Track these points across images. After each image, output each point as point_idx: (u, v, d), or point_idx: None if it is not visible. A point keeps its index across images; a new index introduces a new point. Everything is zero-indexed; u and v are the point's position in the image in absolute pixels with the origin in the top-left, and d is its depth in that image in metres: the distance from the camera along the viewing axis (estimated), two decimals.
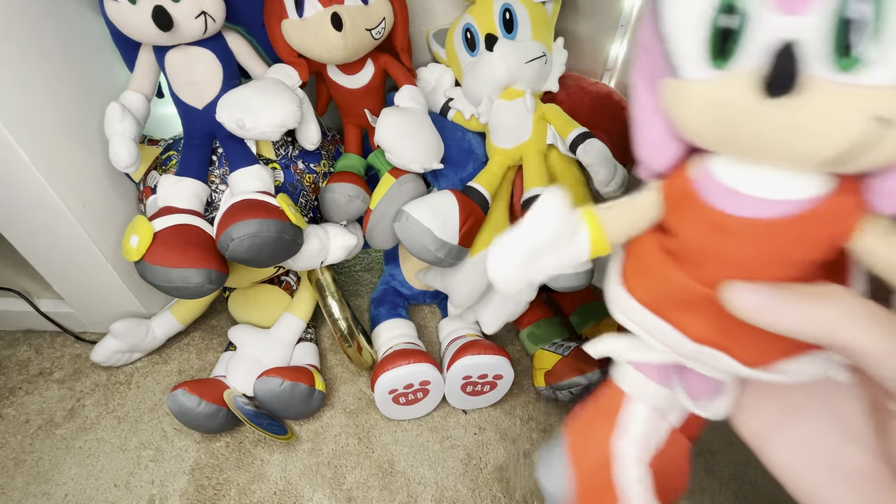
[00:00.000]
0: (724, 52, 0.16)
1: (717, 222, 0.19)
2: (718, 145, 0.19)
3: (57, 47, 0.48)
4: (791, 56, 0.15)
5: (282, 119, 0.49)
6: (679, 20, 0.17)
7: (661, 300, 0.21)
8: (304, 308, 0.64)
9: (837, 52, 0.14)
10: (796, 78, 0.15)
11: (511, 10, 0.56)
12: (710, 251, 0.20)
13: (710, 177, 0.19)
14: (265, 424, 0.54)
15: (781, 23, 0.15)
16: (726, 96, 0.17)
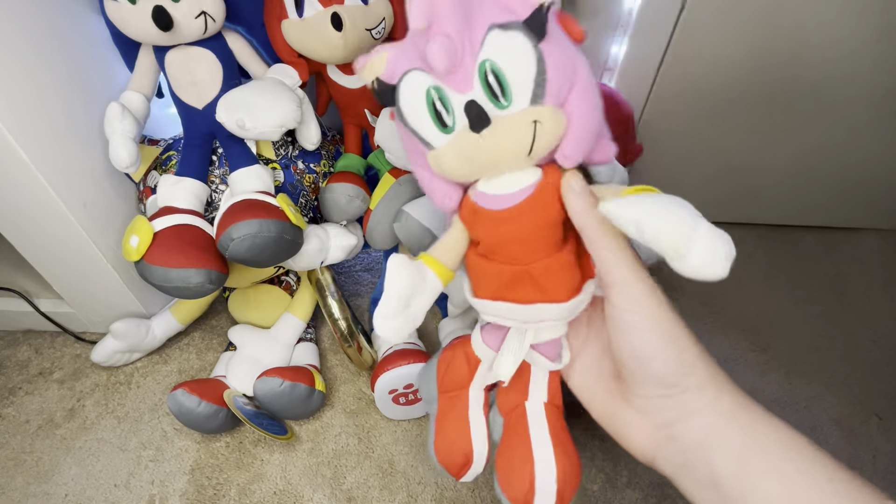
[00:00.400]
0: (444, 124, 0.27)
1: (495, 218, 0.28)
2: (474, 175, 0.29)
3: (57, 47, 0.48)
4: (476, 106, 0.26)
5: (282, 119, 0.49)
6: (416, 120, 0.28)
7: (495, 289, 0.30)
8: (304, 308, 0.64)
9: (493, 102, 0.26)
10: (485, 117, 0.26)
11: None
12: (500, 238, 0.29)
13: (481, 193, 0.29)
14: (265, 424, 0.54)
15: (461, 97, 0.26)
16: (460, 145, 0.27)
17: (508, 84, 0.25)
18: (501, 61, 0.25)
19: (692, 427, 0.25)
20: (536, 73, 0.25)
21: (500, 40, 0.25)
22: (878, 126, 0.71)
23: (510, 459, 0.32)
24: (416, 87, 0.27)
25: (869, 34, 0.61)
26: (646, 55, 0.64)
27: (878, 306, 0.75)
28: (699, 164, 0.77)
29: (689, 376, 0.25)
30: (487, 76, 0.25)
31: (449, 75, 0.26)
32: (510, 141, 0.26)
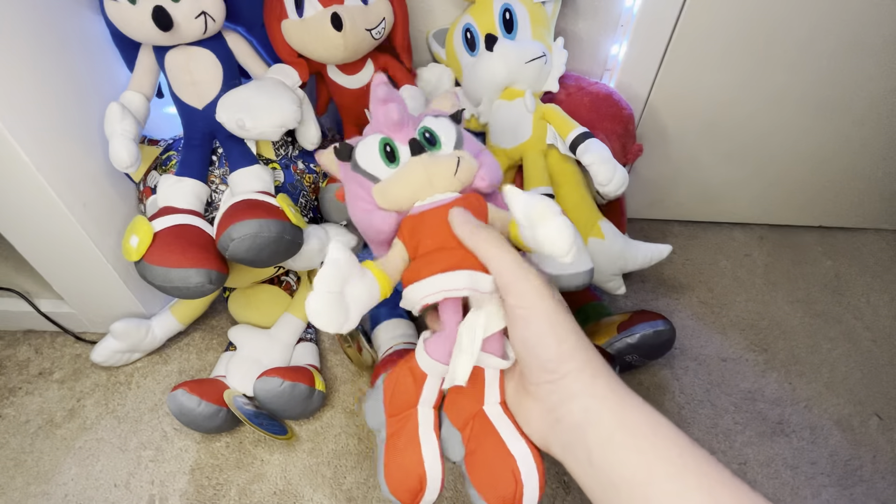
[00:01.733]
0: (391, 160, 0.36)
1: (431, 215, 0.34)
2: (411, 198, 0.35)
3: (57, 47, 0.48)
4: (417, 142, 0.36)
5: (282, 119, 0.49)
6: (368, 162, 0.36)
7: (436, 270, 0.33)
8: (304, 308, 0.64)
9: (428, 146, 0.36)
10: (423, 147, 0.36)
11: (511, 11, 0.56)
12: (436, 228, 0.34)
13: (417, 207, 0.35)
14: (265, 424, 0.54)
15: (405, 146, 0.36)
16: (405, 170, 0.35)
17: (438, 137, 0.37)
18: (434, 127, 0.37)
19: (572, 409, 0.28)
20: (456, 136, 0.37)
21: (432, 120, 0.38)
22: (878, 126, 0.71)
23: (488, 464, 0.32)
24: (370, 141, 0.37)
25: (871, 37, 0.61)
26: (646, 55, 0.64)
27: (878, 306, 0.75)
28: (699, 164, 0.77)
29: (568, 362, 0.28)
30: (425, 133, 0.37)
31: (397, 133, 0.36)
32: (443, 163, 0.35)
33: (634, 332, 0.57)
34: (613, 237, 0.59)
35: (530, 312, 0.29)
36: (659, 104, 0.69)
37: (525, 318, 0.29)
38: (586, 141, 0.55)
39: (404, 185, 0.35)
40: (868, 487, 0.55)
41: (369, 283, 0.33)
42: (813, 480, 0.55)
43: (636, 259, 0.61)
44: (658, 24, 0.61)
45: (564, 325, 0.29)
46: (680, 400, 0.62)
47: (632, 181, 0.73)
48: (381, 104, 0.36)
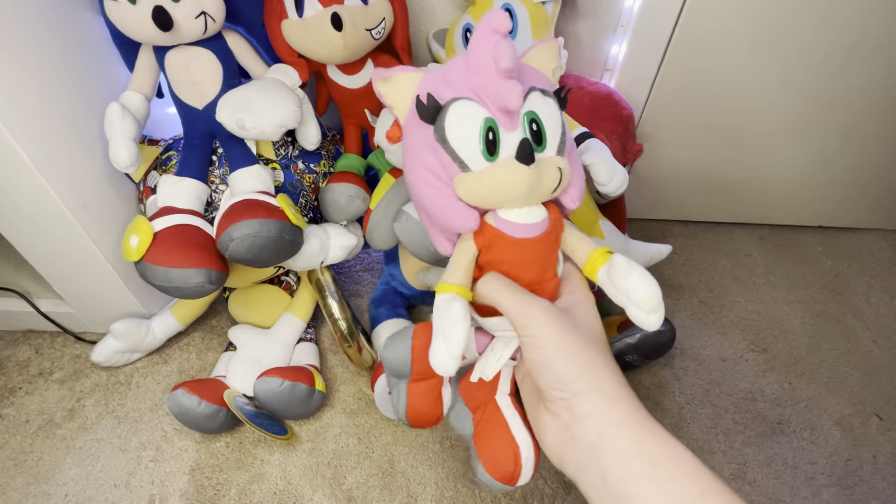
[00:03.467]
0: (491, 152, 0.30)
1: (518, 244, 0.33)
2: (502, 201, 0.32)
3: (57, 47, 0.48)
4: (529, 144, 0.30)
5: (282, 119, 0.49)
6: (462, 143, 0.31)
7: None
8: (304, 308, 0.64)
9: (535, 144, 0.31)
10: (533, 155, 0.30)
11: (511, 10, 0.56)
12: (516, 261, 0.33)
13: (505, 221, 0.33)
14: (265, 424, 0.54)
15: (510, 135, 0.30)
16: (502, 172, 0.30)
17: (545, 133, 0.31)
18: (542, 115, 0.31)
19: (586, 430, 0.28)
20: (562, 132, 0.32)
21: (540, 100, 0.31)
22: (878, 126, 0.71)
23: (495, 445, 0.37)
24: (470, 115, 0.30)
25: (871, 37, 0.61)
26: (646, 55, 0.64)
27: (878, 306, 0.75)
28: (699, 164, 0.77)
29: (576, 382, 0.29)
30: (532, 123, 0.31)
31: (505, 114, 0.30)
32: (546, 178, 0.31)
33: (634, 332, 0.57)
34: (613, 237, 0.59)
35: (535, 340, 0.30)
36: (659, 104, 0.69)
37: (531, 344, 0.31)
38: (586, 141, 0.55)
39: (501, 192, 0.31)
40: (868, 487, 0.55)
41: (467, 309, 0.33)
42: (813, 480, 0.55)
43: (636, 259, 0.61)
44: (658, 24, 0.61)
45: (572, 349, 0.30)
46: (680, 400, 0.62)
47: (632, 181, 0.73)
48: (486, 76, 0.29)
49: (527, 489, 0.53)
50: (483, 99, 0.30)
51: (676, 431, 0.59)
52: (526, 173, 0.30)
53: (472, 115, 0.30)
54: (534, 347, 0.30)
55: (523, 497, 0.53)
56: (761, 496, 0.54)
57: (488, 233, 0.33)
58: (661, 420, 0.59)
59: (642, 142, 0.71)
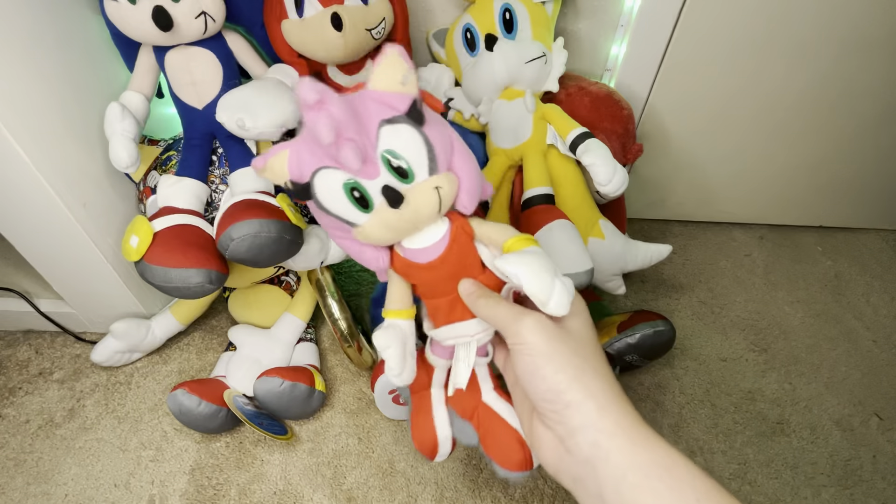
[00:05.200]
0: (364, 206, 0.32)
1: (425, 268, 0.35)
2: (397, 239, 0.35)
3: (57, 47, 0.48)
4: (391, 189, 0.31)
5: (282, 119, 0.48)
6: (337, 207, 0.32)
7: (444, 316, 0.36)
8: (304, 308, 0.64)
9: (401, 179, 0.31)
10: (400, 196, 0.31)
11: (511, 10, 0.56)
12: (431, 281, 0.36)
13: (408, 250, 0.35)
14: (265, 424, 0.54)
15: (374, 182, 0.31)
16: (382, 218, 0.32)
17: (409, 165, 0.31)
18: (397, 147, 0.31)
19: (580, 442, 0.28)
20: (427, 151, 0.31)
21: (392, 132, 0.31)
22: (878, 126, 0.71)
23: (499, 441, 0.38)
24: (332, 182, 0.31)
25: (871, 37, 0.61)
26: (646, 55, 0.64)
27: (878, 306, 0.75)
28: (699, 164, 0.77)
29: (567, 393, 0.28)
30: (390, 162, 0.31)
31: (355, 166, 0.30)
32: (423, 207, 0.32)
33: (634, 332, 0.57)
34: (613, 237, 0.59)
35: (524, 347, 0.30)
36: (659, 104, 0.69)
37: (520, 352, 0.30)
38: (586, 141, 0.55)
39: (388, 231, 0.33)
40: (868, 487, 0.55)
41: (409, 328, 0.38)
42: (813, 480, 0.55)
43: (636, 259, 0.61)
44: (658, 24, 0.61)
45: (561, 358, 0.29)
46: (680, 400, 0.62)
47: (632, 181, 0.73)
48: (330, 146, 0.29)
49: (527, 489, 0.53)
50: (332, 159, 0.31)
51: (676, 431, 0.59)
52: (396, 215, 0.31)
53: (333, 181, 0.31)
54: (523, 355, 0.30)
55: (523, 497, 0.53)
56: (761, 496, 0.54)
57: (399, 262, 0.36)
58: (661, 420, 0.59)
59: (642, 142, 0.71)
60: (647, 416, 0.60)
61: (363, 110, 0.30)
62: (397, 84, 0.31)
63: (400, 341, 0.37)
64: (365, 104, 0.31)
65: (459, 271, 0.35)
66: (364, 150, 0.30)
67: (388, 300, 0.38)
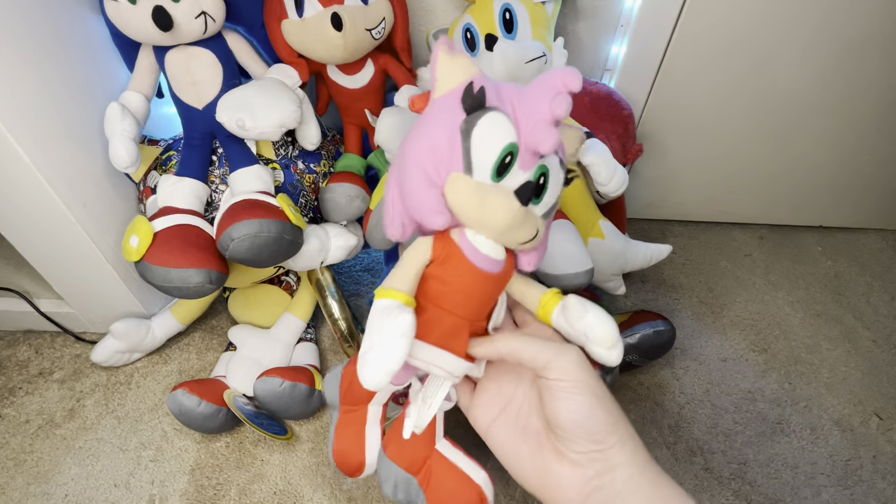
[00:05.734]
0: (500, 173, 0.29)
1: (477, 274, 0.32)
2: (467, 221, 0.31)
3: (57, 47, 0.48)
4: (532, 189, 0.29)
5: (282, 119, 0.49)
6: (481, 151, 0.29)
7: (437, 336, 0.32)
8: (304, 308, 0.64)
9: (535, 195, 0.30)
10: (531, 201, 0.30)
11: (511, 10, 0.56)
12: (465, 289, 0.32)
13: (472, 247, 0.31)
14: (265, 424, 0.54)
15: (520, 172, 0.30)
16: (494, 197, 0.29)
17: (546, 192, 0.31)
18: (551, 176, 0.31)
19: (616, 478, 0.28)
20: (555, 201, 0.32)
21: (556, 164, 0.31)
22: (877, 126, 0.71)
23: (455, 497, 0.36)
24: (503, 131, 0.29)
25: (871, 37, 0.61)
26: (646, 55, 0.64)
27: (878, 306, 0.75)
28: (699, 164, 0.77)
29: (614, 434, 0.29)
30: (542, 176, 0.30)
31: (528, 152, 0.29)
32: (527, 226, 0.31)
33: (634, 332, 0.57)
34: (613, 237, 0.59)
35: (576, 386, 0.29)
36: (659, 104, 0.69)
37: (571, 393, 0.29)
38: (586, 141, 0.55)
39: (484, 213, 0.30)
40: (868, 487, 0.55)
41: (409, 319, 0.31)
42: (813, 480, 0.55)
43: (636, 259, 0.61)
44: (658, 24, 0.61)
45: (608, 396, 0.30)
46: (680, 400, 0.62)
47: (632, 181, 0.73)
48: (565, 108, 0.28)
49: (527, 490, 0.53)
50: (520, 127, 0.29)
51: (676, 431, 0.59)
52: (515, 210, 0.29)
53: (503, 131, 0.29)
54: (574, 395, 0.29)
55: (523, 497, 0.53)
56: (761, 496, 0.54)
57: (449, 246, 0.32)
58: (661, 420, 0.59)
59: (642, 142, 0.71)
60: (647, 416, 0.60)
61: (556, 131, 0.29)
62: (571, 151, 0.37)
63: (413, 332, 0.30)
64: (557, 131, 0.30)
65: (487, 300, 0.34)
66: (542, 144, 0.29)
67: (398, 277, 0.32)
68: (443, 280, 0.32)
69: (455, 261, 0.31)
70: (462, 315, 0.33)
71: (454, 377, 0.33)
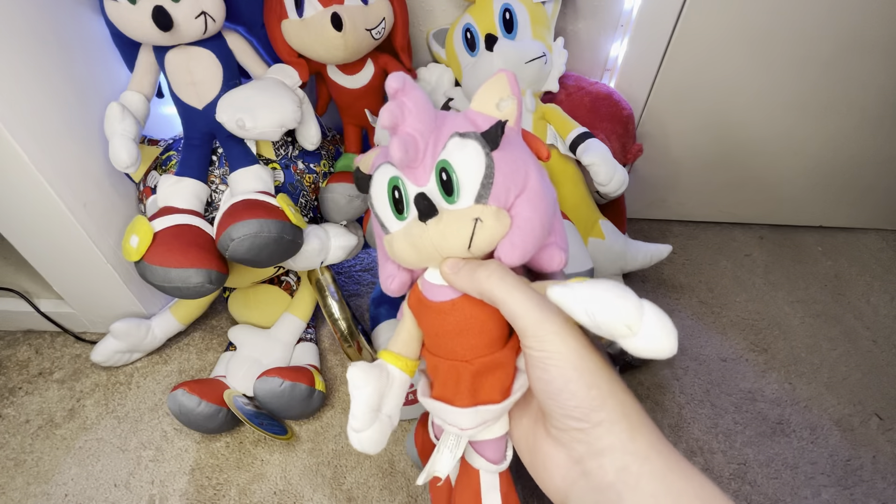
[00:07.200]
0: (399, 211, 0.29)
1: (436, 309, 0.30)
2: (420, 263, 0.30)
3: (57, 47, 0.48)
4: (425, 198, 0.27)
5: (282, 119, 0.49)
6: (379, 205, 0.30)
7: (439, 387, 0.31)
8: (304, 308, 0.64)
9: (444, 195, 0.28)
10: (432, 209, 0.27)
11: (511, 10, 0.56)
12: (440, 330, 0.30)
13: (426, 282, 0.31)
14: (265, 424, 0.54)
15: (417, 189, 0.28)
16: (410, 232, 0.29)
17: (457, 181, 0.27)
18: (454, 161, 0.28)
19: (605, 465, 0.25)
20: (483, 176, 0.27)
21: (458, 145, 0.28)
22: (878, 126, 0.71)
23: None
24: (383, 175, 0.30)
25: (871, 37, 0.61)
26: (646, 55, 0.64)
27: (878, 306, 0.75)
28: (699, 164, 0.77)
29: (599, 412, 0.25)
30: (441, 173, 0.28)
31: (410, 170, 0.29)
32: (452, 233, 0.28)
33: None
34: (613, 237, 0.60)
35: (551, 357, 0.26)
36: (659, 104, 0.69)
37: (544, 362, 0.26)
38: (586, 141, 0.55)
39: (410, 250, 0.29)
40: (868, 487, 0.55)
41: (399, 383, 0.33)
42: (813, 480, 0.55)
43: (636, 259, 0.61)
44: (658, 24, 0.61)
45: (594, 369, 0.26)
46: (680, 400, 0.62)
47: (632, 181, 0.73)
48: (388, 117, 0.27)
49: (527, 489, 0.53)
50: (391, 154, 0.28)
51: (676, 431, 0.59)
52: (425, 230, 0.28)
53: (383, 176, 0.30)
54: (548, 366, 0.26)
55: (523, 497, 0.52)
56: (761, 496, 0.54)
57: (414, 297, 0.32)
58: (661, 420, 0.59)
59: (642, 142, 0.71)
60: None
61: (449, 122, 0.29)
62: (492, 106, 0.29)
63: (378, 390, 0.31)
64: (455, 118, 0.29)
65: (472, 329, 0.29)
66: (416, 148, 0.28)
67: (393, 340, 0.33)
68: (426, 332, 0.32)
69: (419, 304, 0.31)
70: (451, 357, 0.30)
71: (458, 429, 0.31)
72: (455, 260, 0.29)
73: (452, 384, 0.30)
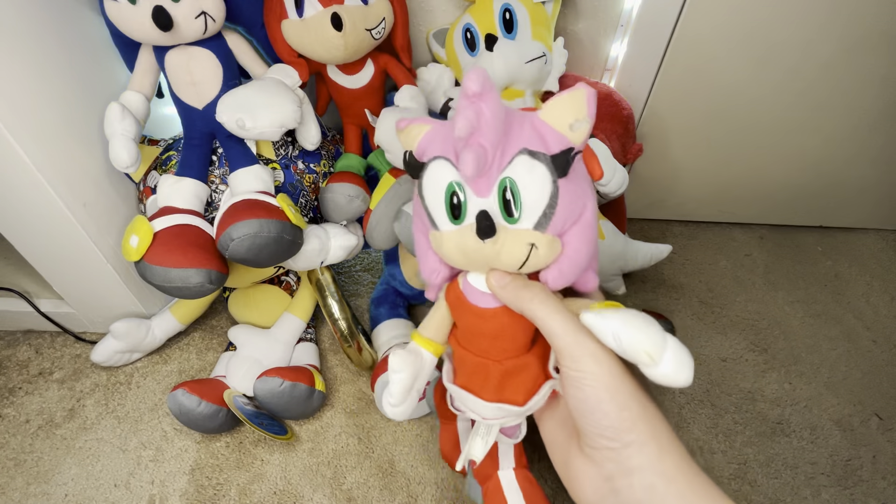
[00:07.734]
0: (455, 216, 0.29)
1: (475, 313, 0.32)
2: (465, 267, 0.32)
3: (57, 47, 0.48)
4: (487, 217, 0.27)
5: (282, 119, 0.49)
6: (432, 202, 0.30)
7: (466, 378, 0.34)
8: (304, 308, 0.64)
9: (505, 214, 0.28)
10: (492, 230, 0.27)
11: (511, 10, 0.56)
12: (475, 331, 0.33)
13: (469, 286, 0.32)
14: (265, 424, 0.54)
15: (479, 201, 0.28)
16: (462, 240, 0.29)
17: (521, 204, 0.28)
18: (521, 183, 0.28)
19: (634, 484, 0.26)
20: (547, 205, 0.28)
21: (526, 165, 0.28)
22: (878, 126, 0.71)
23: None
24: (441, 175, 0.29)
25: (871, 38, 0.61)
26: (646, 55, 0.64)
27: (878, 306, 0.75)
28: (699, 164, 0.77)
29: (630, 433, 0.27)
30: (505, 191, 0.28)
31: (470, 179, 0.28)
32: (507, 254, 0.28)
33: None
34: (613, 237, 0.59)
35: (585, 377, 0.27)
36: (659, 104, 0.69)
37: (580, 382, 0.28)
38: None
39: (459, 255, 0.30)
40: (868, 487, 0.55)
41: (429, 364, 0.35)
42: (813, 480, 0.55)
43: (636, 259, 0.61)
44: (658, 24, 0.61)
45: (626, 391, 0.27)
46: (680, 400, 0.62)
47: (632, 181, 0.73)
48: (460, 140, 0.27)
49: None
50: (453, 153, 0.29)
51: (676, 431, 0.58)
52: (482, 247, 0.28)
53: (441, 176, 0.29)
54: (583, 386, 0.27)
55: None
56: (761, 496, 0.54)
57: (454, 294, 0.33)
58: None
59: (642, 142, 0.71)
60: None
61: (516, 129, 0.28)
62: (565, 125, 0.28)
63: (413, 372, 0.34)
64: (522, 125, 0.28)
65: (506, 335, 0.32)
66: (486, 163, 0.27)
67: (425, 324, 0.35)
68: (460, 326, 0.34)
69: (460, 305, 0.33)
70: (482, 355, 0.33)
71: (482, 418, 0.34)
72: (502, 274, 0.30)
73: (480, 378, 0.33)
